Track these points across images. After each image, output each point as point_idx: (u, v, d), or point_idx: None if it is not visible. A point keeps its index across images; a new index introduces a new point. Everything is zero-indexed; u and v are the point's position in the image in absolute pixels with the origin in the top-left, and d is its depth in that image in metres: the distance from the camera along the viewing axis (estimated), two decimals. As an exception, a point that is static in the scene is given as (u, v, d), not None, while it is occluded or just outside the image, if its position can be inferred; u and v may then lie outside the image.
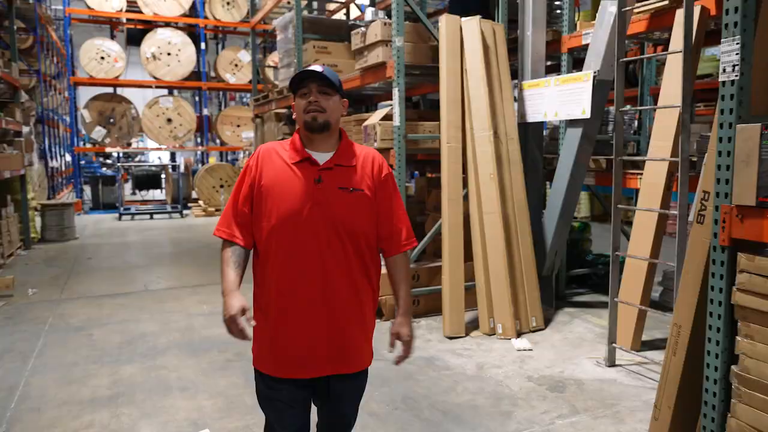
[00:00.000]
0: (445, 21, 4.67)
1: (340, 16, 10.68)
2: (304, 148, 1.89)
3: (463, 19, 4.75)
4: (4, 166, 6.31)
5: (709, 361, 2.28)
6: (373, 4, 7.85)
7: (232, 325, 1.78)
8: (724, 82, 2.15)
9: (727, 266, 2.19)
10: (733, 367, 2.20)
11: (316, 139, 1.88)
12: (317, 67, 1.87)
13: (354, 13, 10.54)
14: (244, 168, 1.95)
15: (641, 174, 4.21)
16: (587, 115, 4.46)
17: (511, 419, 3.14)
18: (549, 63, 5.88)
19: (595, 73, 4.40)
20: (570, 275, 5.85)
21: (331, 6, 10.55)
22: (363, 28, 5.05)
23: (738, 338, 2.17)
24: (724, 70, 2.14)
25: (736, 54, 2.10)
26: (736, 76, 2.11)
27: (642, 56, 4.75)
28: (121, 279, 6.56)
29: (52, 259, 7.78)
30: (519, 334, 4.47)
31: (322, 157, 1.88)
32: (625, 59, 3.70)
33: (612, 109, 4.54)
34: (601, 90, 4.47)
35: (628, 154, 5.90)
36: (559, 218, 4.97)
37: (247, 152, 15.40)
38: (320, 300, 1.84)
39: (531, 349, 4.19)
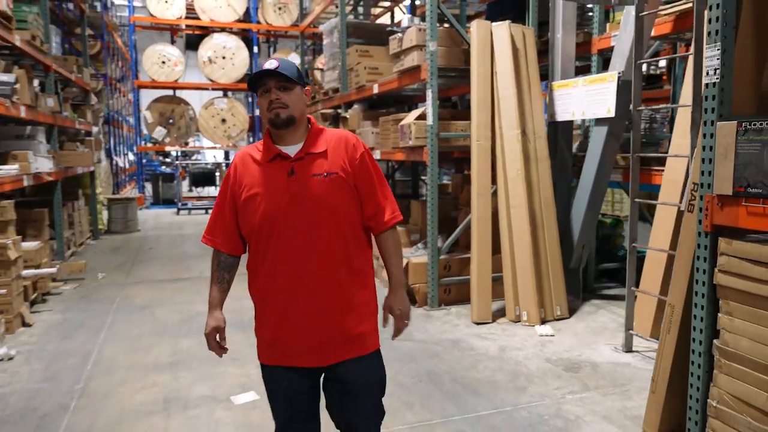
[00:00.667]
0: (476, 26, 4.97)
1: (386, 18, 11.07)
2: (275, 144, 1.92)
3: (494, 24, 5.03)
4: (77, 162, 6.99)
5: (695, 336, 2.52)
6: (413, 10, 8.20)
7: (208, 342, 1.98)
8: (707, 84, 2.39)
9: (710, 250, 2.43)
10: (715, 341, 2.43)
11: (284, 134, 1.91)
12: (272, 64, 1.86)
13: (398, 16, 10.89)
14: (225, 178, 2.01)
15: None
16: (612, 114, 4.65)
17: (524, 393, 3.43)
18: (581, 64, 6.06)
19: (619, 74, 4.60)
20: (600, 269, 6.03)
21: (376, 10, 10.93)
22: (400, 34, 5.41)
23: (719, 315, 2.41)
24: (707, 74, 2.38)
25: (717, 59, 2.33)
26: (717, 78, 2.34)
27: (658, 58, 4.90)
28: (179, 266, 7.15)
29: (117, 248, 8.49)
30: (543, 322, 4.72)
31: (292, 150, 1.91)
32: (642, 60, 3.90)
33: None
34: (626, 90, 4.65)
35: (661, 152, 6.02)
36: (586, 213, 5.18)
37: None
38: (307, 289, 1.87)
39: (553, 335, 4.44)
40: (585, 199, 5.17)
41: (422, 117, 5.24)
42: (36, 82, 5.78)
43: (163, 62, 13.76)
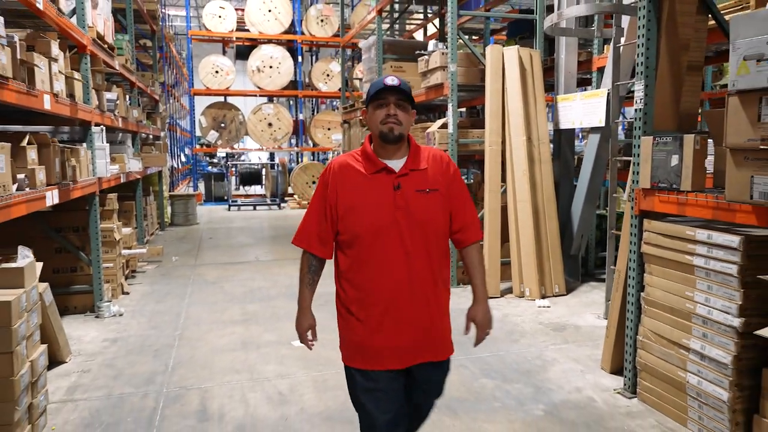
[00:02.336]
0: (490, 50, 5.94)
1: (419, 33, 12.08)
2: (378, 157, 2.01)
3: (504, 48, 5.99)
4: (154, 163, 8.25)
5: (630, 291, 3.46)
6: (442, 32, 9.16)
7: (301, 337, 2.19)
8: (636, 109, 3.33)
9: (638, 228, 3.37)
10: (642, 293, 3.37)
11: (390, 149, 2.00)
12: (395, 80, 1.96)
13: (431, 29, 11.90)
14: (320, 182, 2.09)
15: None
16: (603, 123, 5.56)
17: (516, 344, 4.41)
18: (586, 77, 6.95)
19: (609, 90, 5.50)
20: (601, 257, 6.91)
21: (410, 25, 11.95)
22: (426, 56, 6.42)
23: (645, 275, 3.35)
24: (636, 101, 3.32)
25: (642, 91, 3.28)
26: (642, 105, 3.29)
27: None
28: (237, 252, 8.33)
29: (182, 237, 9.76)
30: (543, 297, 5.67)
31: (396, 164, 2.00)
32: (619, 83, 4.82)
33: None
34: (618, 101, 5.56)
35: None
36: (584, 207, 6.09)
37: (336, 152, 17.16)
38: (409, 295, 1.99)
39: (549, 306, 5.39)
40: (583, 195, 6.08)
41: (444, 126, 6.24)
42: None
43: (217, 72, 15.10)
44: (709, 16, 3.46)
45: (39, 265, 3.22)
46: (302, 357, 4.16)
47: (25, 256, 2.99)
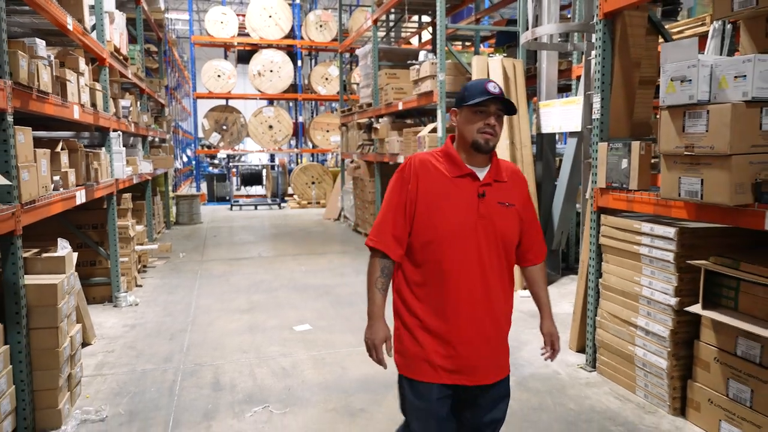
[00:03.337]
0: (475, 60, 6.42)
1: (415, 38, 12.56)
2: (464, 163, 1.94)
3: (489, 58, 6.47)
4: (163, 165, 8.74)
5: (590, 277, 3.94)
6: (434, 43, 9.63)
7: (373, 351, 1.96)
8: (594, 119, 3.81)
9: (597, 223, 3.85)
10: (600, 280, 3.85)
11: (479, 157, 1.93)
12: (496, 88, 1.88)
13: (425, 36, 12.38)
14: (396, 178, 1.98)
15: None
16: (579, 128, 6.04)
17: (496, 328, 4.88)
18: (567, 83, 7.44)
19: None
20: (582, 253, 7.40)
21: (406, 33, 12.43)
22: (418, 66, 6.90)
23: (603, 263, 3.83)
24: (594, 112, 3.80)
25: (599, 103, 3.76)
26: (599, 115, 3.77)
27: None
28: (241, 249, 8.81)
29: (188, 236, 10.23)
30: (525, 288, 6.15)
31: (480, 173, 1.93)
32: (590, 92, 5.30)
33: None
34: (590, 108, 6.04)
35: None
36: (563, 205, 6.57)
37: (335, 154, 17.66)
38: (484, 308, 1.91)
39: (529, 296, 5.85)
40: (562, 194, 6.56)
41: (434, 131, 6.72)
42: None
43: (219, 76, 15.57)
44: (659, 36, 3.95)
45: (75, 255, 3.69)
46: (303, 340, 4.63)
47: (63, 247, 3.47)
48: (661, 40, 4.01)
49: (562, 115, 6.33)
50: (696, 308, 3.05)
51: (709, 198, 2.77)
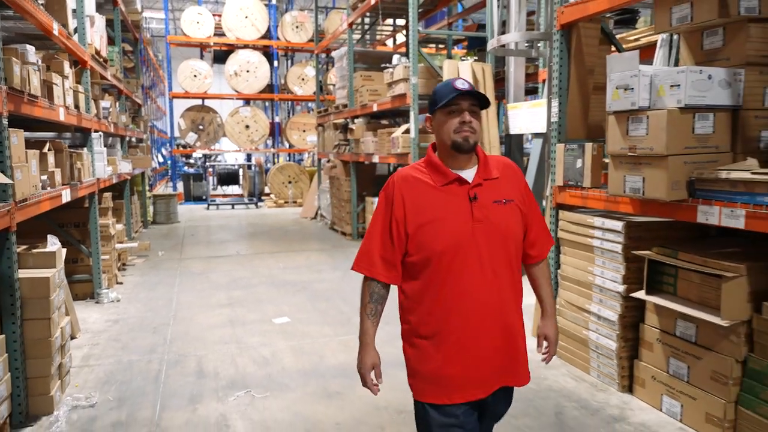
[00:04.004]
0: (446, 64, 6.71)
1: (390, 39, 12.83)
2: (449, 168, 1.84)
3: (459, 62, 6.77)
4: (141, 164, 8.86)
5: (550, 269, 4.25)
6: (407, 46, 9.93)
7: (363, 379, 1.89)
8: (553, 122, 4.12)
9: (555, 218, 4.16)
10: (558, 270, 4.17)
11: (462, 159, 1.84)
12: (465, 84, 1.80)
13: (400, 39, 12.66)
14: (381, 200, 1.90)
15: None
16: (544, 130, 6.37)
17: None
18: (535, 86, 7.79)
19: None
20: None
21: (381, 35, 12.69)
22: (391, 69, 7.17)
23: (561, 255, 4.14)
24: (553, 115, 4.11)
25: (557, 108, 4.07)
26: (557, 118, 4.08)
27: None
28: (219, 247, 8.97)
29: (165, 235, 10.34)
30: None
31: (467, 175, 1.84)
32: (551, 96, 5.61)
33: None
34: (554, 112, 6.38)
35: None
36: (530, 203, 6.90)
37: (312, 153, 17.83)
38: (496, 317, 1.81)
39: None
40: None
41: (407, 131, 7.00)
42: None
43: (195, 76, 15.65)
44: (612, 45, 4.27)
45: (64, 251, 3.87)
46: (282, 331, 4.86)
47: (53, 243, 3.64)
48: (614, 48, 4.34)
49: (528, 117, 6.66)
50: (640, 294, 3.38)
51: (649, 194, 3.08)
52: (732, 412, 2.93)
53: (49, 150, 4.15)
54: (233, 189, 18.02)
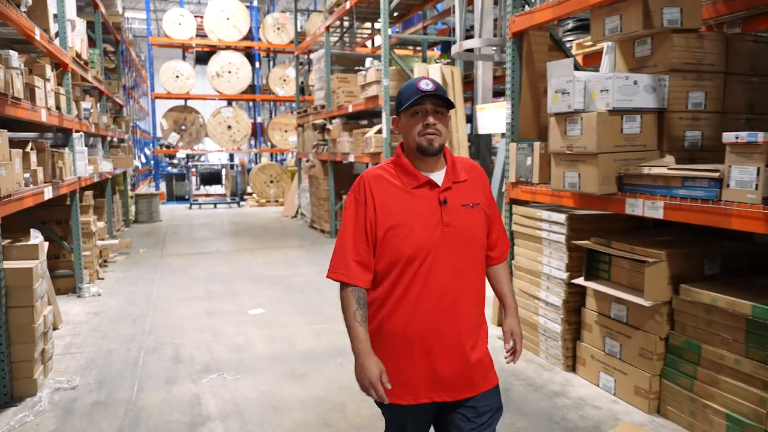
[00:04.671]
0: (417, 67, 7.01)
1: (369, 41, 13.11)
2: (418, 170, 1.84)
3: (429, 65, 7.07)
4: (123, 164, 9.05)
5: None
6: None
7: (371, 390, 1.76)
8: (506, 123, 4.43)
9: (509, 212, 4.47)
10: (512, 261, 4.48)
11: (429, 161, 1.83)
12: (429, 84, 1.77)
13: (378, 41, 12.94)
14: (350, 200, 1.86)
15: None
16: (509, 130, 6.69)
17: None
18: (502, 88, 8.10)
19: (513, 102, 6.64)
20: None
21: (359, 37, 12.97)
22: (365, 72, 7.45)
23: (514, 247, 4.45)
24: (506, 116, 4.43)
25: (510, 109, 4.38)
26: (510, 119, 4.39)
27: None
28: (200, 245, 9.20)
29: (147, 233, 10.53)
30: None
31: (436, 177, 1.84)
32: (514, 98, 5.93)
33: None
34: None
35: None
36: (497, 199, 7.22)
37: (294, 153, 18.06)
38: (458, 318, 1.81)
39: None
40: (496, 190, 7.21)
41: (380, 131, 7.28)
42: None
43: (177, 77, 15.80)
44: (561, 52, 4.60)
45: (46, 244, 4.10)
46: (256, 322, 5.13)
47: (36, 237, 3.88)
48: (562, 54, 4.66)
49: (495, 118, 6.98)
50: (580, 280, 3.69)
51: (584, 189, 3.40)
52: (657, 385, 3.26)
53: (31, 149, 4.38)
54: (216, 189, 18.20)
